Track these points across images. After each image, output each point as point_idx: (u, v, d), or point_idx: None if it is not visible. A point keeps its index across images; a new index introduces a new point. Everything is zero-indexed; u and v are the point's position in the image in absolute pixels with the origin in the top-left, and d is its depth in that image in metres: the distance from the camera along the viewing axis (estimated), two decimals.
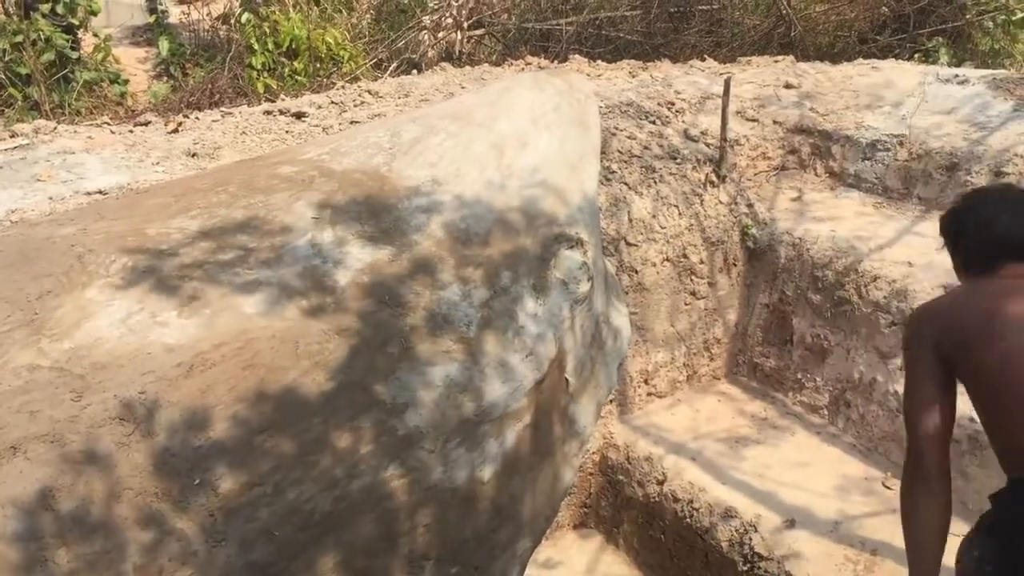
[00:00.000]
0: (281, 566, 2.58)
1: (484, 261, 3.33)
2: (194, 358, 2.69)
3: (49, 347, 2.67)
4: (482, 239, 3.41)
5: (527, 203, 3.61)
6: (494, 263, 3.34)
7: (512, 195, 3.61)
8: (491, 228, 3.46)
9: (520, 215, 3.55)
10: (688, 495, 6.43)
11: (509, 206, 3.57)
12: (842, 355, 6.88)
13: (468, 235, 3.40)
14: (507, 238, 3.44)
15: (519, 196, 3.62)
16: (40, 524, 2.27)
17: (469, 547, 3.06)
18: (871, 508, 6.11)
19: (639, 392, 7.27)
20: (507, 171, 3.71)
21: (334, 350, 2.87)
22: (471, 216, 3.48)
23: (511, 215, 3.54)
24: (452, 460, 2.97)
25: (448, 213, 3.47)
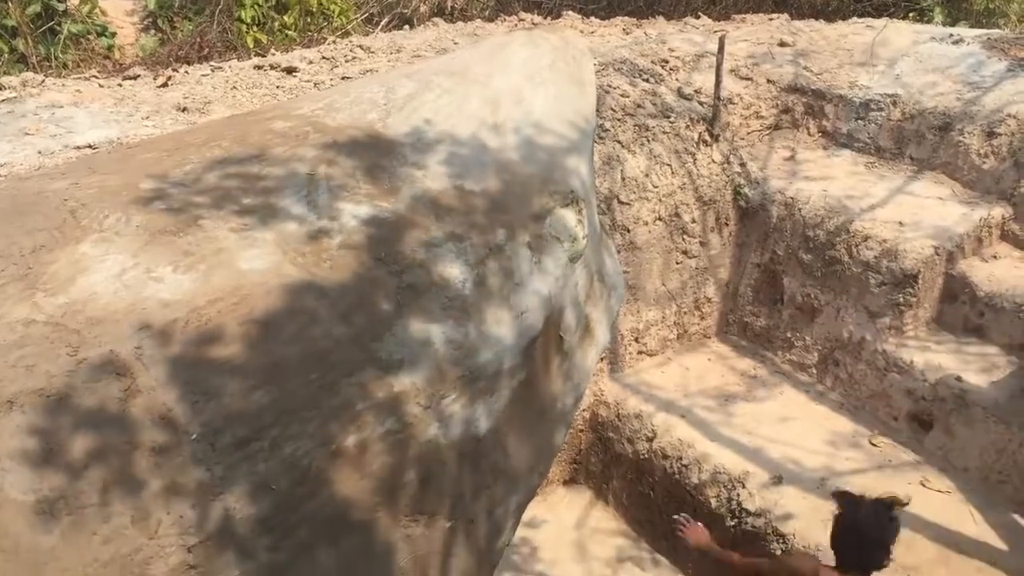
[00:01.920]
0: (278, 519, 2.60)
1: (479, 219, 3.32)
2: (189, 313, 2.69)
3: (44, 302, 2.66)
4: (477, 197, 3.40)
5: (522, 161, 3.59)
6: (489, 221, 3.33)
7: (508, 153, 3.59)
8: (487, 185, 3.45)
9: (515, 173, 3.54)
10: (677, 452, 6.49)
11: (504, 164, 3.55)
12: (832, 314, 6.91)
13: (464, 192, 3.39)
14: (503, 196, 3.43)
15: (514, 153, 3.60)
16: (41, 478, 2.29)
17: (464, 501, 3.08)
18: (857, 464, 6.18)
19: (630, 350, 7.31)
20: (502, 128, 3.69)
21: (329, 307, 2.87)
22: (466, 173, 3.46)
23: (507, 173, 3.52)
24: (447, 416, 2.98)
25: (443, 170, 3.45)
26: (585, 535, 6.85)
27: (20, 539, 2.19)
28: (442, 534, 3.01)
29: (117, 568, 2.30)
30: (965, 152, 7.17)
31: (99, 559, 2.27)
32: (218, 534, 2.47)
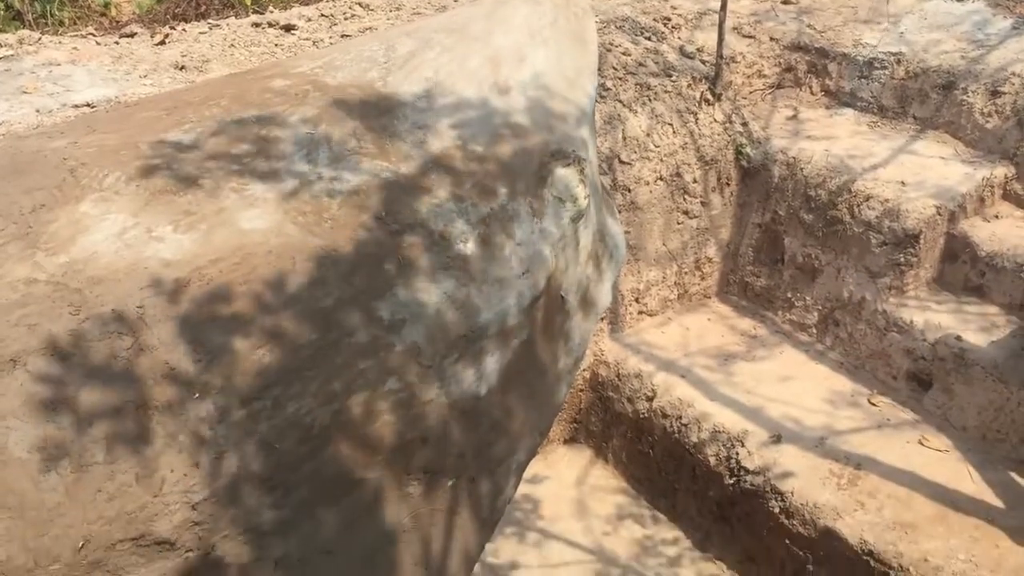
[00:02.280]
0: (281, 477, 2.61)
1: (481, 178, 3.31)
2: (191, 273, 2.69)
3: (45, 261, 2.66)
4: (479, 156, 3.38)
5: (524, 120, 3.57)
6: (491, 180, 3.32)
7: (509, 111, 3.57)
8: (488, 145, 3.43)
9: (517, 132, 3.52)
10: (677, 411, 6.53)
11: (506, 123, 3.53)
12: (832, 274, 6.92)
13: (465, 152, 3.37)
14: (504, 155, 3.41)
15: (516, 112, 3.58)
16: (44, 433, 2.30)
17: (466, 460, 3.10)
18: (856, 424, 6.22)
19: (630, 310, 7.32)
20: (504, 86, 3.66)
21: (331, 266, 2.86)
22: (467, 133, 3.44)
23: (508, 132, 3.50)
24: (449, 376, 2.99)
25: (444, 129, 3.43)
26: (585, 493, 6.91)
27: (25, 496, 2.21)
28: (444, 492, 3.04)
29: (122, 524, 2.32)
30: (969, 111, 7.13)
31: (104, 516, 2.29)
32: (222, 492, 2.49)
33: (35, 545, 2.18)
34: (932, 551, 5.21)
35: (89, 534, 2.26)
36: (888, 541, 5.31)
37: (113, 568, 2.30)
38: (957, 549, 5.21)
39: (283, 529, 2.61)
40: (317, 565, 2.70)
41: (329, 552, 2.72)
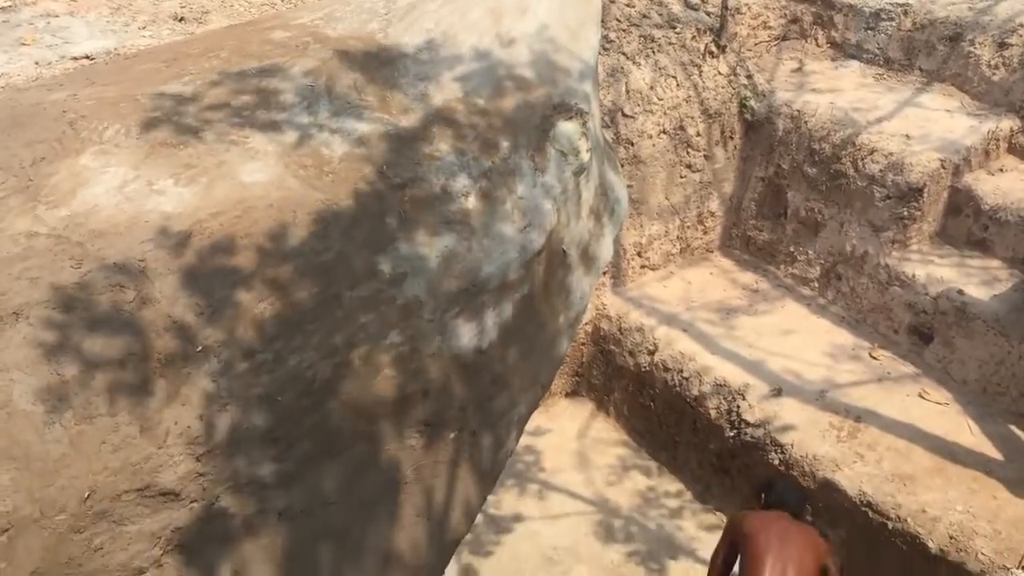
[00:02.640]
0: (284, 430, 2.64)
1: (483, 132, 3.29)
2: (193, 226, 2.68)
3: (46, 214, 2.66)
4: (480, 109, 3.36)
5: (527, 72, 3.53)
6: (493, 134, 3.30)
7: (511, 64, 3.54)
8: (490, 98, 3.40)
9: (519, 85, 3.49)
10: (678, 365, 6.56)
11: (509, 75, 3.50)
12: (835, 228, 6.90)
13: (467, 105, 3.35)
14: (506, 108, 3.39)
15: (519, 65, 3.54)
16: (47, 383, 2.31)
17: (467, 413, 3.12)
18: (857, 377, 6.24)
19: (632, 264, 7.31)
20: (506, 38, 3.62)
21: (332, 220, 2.86)
22: (469, 85, 3.42)
23: (510, 85, 3.47)
24: (451, 329, 3.00)
25: (445, 81, 3.41)
26: (587, 445, 6.97)
27: (30, 448, 2.23)
28: (445, 446, 3.06)
29: (127, 475, 2.34)
30: (975, 63, 7.06)
31: (109, 467, 2.32)
32: (225, 444, 2.51)
33: (41, 495, 2.21)
34: (930, 502, 5.26)
35: (94, 485, 2.29)
36: (887, 493, 5.36)
37: (119, 518, 2.33)
38: (955, 500, 5.26)
39: (286, 481, 2.64)
40: (320, 517, 2.73)
41: (332, 504, 2.75)
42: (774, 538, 4.27)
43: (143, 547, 2.38)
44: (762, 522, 4.36)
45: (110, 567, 2.32)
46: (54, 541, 2.22)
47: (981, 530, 5.07)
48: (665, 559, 5.98)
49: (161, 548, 2.42)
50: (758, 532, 4.30)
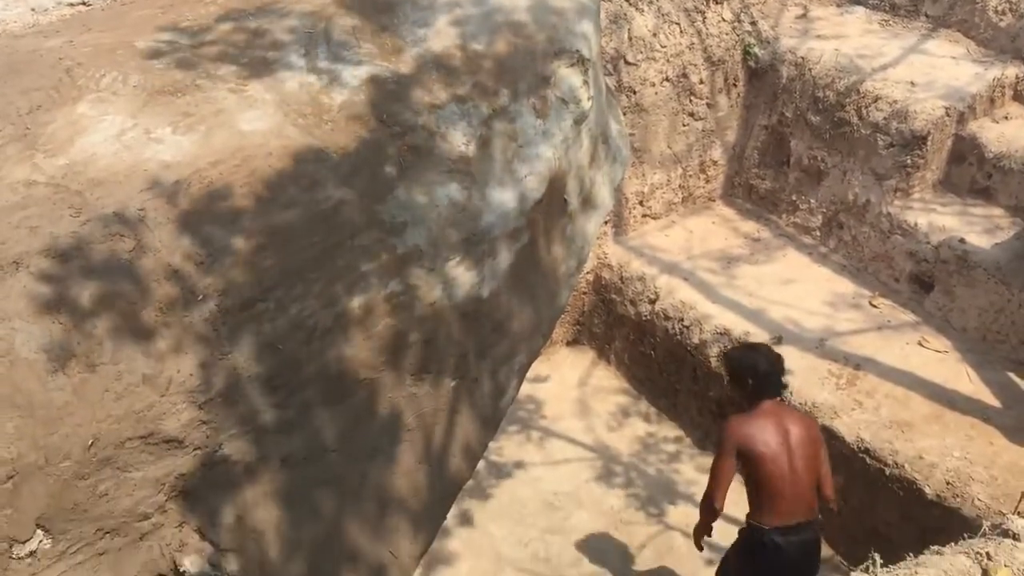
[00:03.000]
0: (285, 378, 2.65)
1: (482, 79, 3.26)
2: (192, 175, 2.68)
3: (44, 163, 2.65)
4: (481, 57, 3.32)
5: (526, 18, 3.49)
6: (493, 81, 3.27)
7: (511, 9, 3.49)
8: (489, 44, 3.36)
9: (520, 32, 3.44)
10: (679, 313, 6.57)
11: (508, 21, 3.45)
12: (838, 177, 6.86)
13: (466, 52, 3.31)
14: (506, 55, 3.35)
15: (518, 10, 3.50)
16: (50, 334, 2.33)
17: (468, 361, 3.14)
18: (857, 325, 6.26)
19: (634, 213, 7.30)
20: None
21: (332, 169, 2.85)
22: (469, 33, 3.38)
23: (510, 32, 3.43)
24: (451, 278, 3.01)
25: (445, 29, 3.37)
26: (587, 393, 7.01)
27: (34, 396, 2.24)
28: (446, 393, 3.08)
29: (131, 423, 2.37)
30: (982, 9, 6.96)
31: (112, 415, 2.34)
32: (227, 392, 2.53)
33: (45, 443, 2.23)
34: (927, 449, 5.30)
35: (98, 432, 2.31)
36: (884, 439, 5.40)
37: (123, 465, 2.36)
38: (952, 447, 5.30)
39: (288, 428, 2.66)
40: (322, 463, 2.76)
41: (334, 451, 2.78)
42: (776, 437, 4.16)
43: (147, 493, 2.41)
44: (759, 423, 4.18)
45: (115, 513, 2.35)
46: (59, 488, 2.25)
47: (978, 476, 5.12)
48: (664, 503, 6.05)
49: (165, 494, 2.45)
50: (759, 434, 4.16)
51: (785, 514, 4.20)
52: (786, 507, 4.20)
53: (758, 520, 4.24)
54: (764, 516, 4.23)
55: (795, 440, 4.21)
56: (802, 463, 4.22)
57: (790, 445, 4.19)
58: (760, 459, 4.15)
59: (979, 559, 2.71)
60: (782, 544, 4.21)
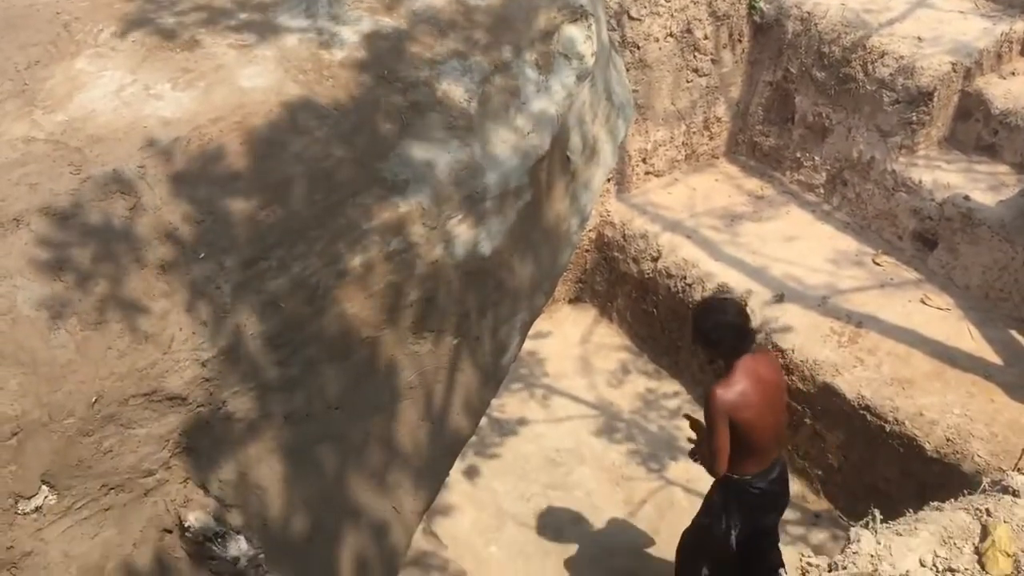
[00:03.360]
0: (288, 336, 2.66)
1: (484, 35, 3.22)
2: (191, 132, 2.66)
3: (43, 119, 2.64)
4: (482, 12, 3.28)
5: None
6: (495, 37, 3.23)
7: None
8: (491, 0, 3.33)
9: None
10: (682, 271, 6.57)
11: None
12: (843, 133, 6.82)
13: (467, 7, 3.27)
14: (508, 11, 3.31)
15: None
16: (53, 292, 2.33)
17: (470, 319, 3.14)
18: (859, 283, 6.26)
19: (637, 171, 7.27)
20: None
21: (333, 126, 2.83)
22: None
23: None
24: (452, 237, 3.00)
25: None
26: (589, 350, 7.04)
27: (37, 354, 2.25)
28: (448, 351, 3.09)
29: (134, 380, 2.37)
30: None
31: (116, 372, 2.35)
32: (230, 349, 2.54)
33: (49, 400, 2.24)
34: (928, 406, 5.33)
35: (102, 390, 2.32)
36: (885, 396, 5.43)
37: (127, 422, 2.37)
38: (953, 404, 5.33)
39: (290, 386, 2.67)
40: (325, 421, 2.77)
41: (336, 408, 2.79)
42: (758, 395, 4.21)
43: (152, 450, 2.42)
44: (743, 388, 4.17)
45: (120, 469, 2.37)
46: (63, 444, 2.26)
47: (978, 433, 5.15)
48: (665, 459, 6.10)
49: (169, 451, 2.47)
50: (745, 400, 4.18)
51: (764, 460, 4.38)
52: (766, 455, 4.37)
53: (740, 473, 4.35)
54: (746, 468, 4.35)
55: (771, 389, 4.30)
56: (777, 407, 4.37)
57: (768, 397, 4.27)
58: (748, 425, 4.20)
59: (978, 515, 2.73)
60: (766, 488, 4.43)
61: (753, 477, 4.38)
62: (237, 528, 2.59)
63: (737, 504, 4.46)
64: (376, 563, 2.97)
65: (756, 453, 4.33)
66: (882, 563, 2.56)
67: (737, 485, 4.40)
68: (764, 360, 4.40)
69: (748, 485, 4.39)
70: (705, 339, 4.30)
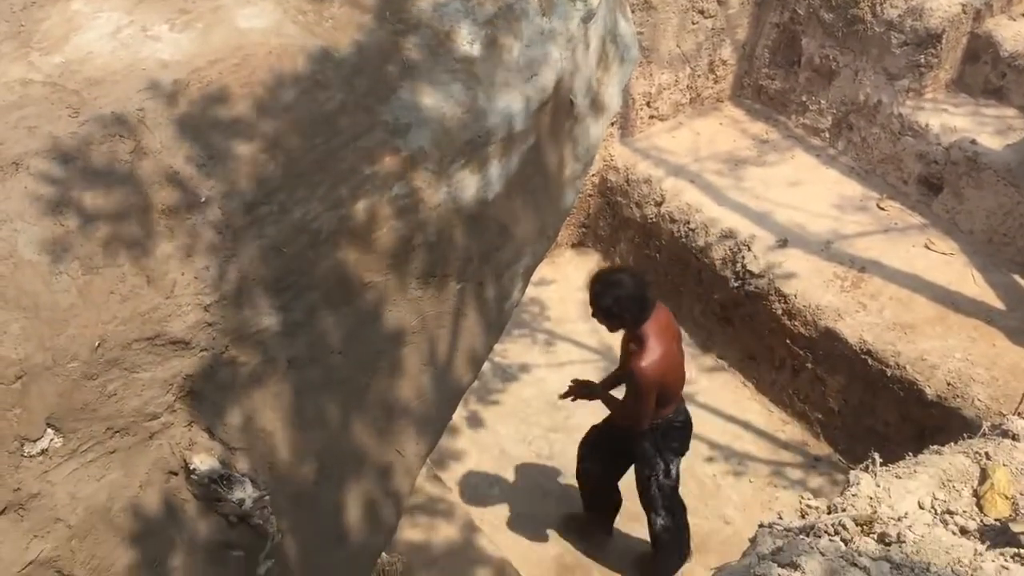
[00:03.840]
0: (290, 280, 2.65)
1: None
2: (190, 74, 2.62)
3: (40, 61, 2.60)
4: None
5: None
6: None
7: None
8: None
9: None
10: (685, 216, 6.55)
11: None
12: (849, 77, 6.75)
13: None
14: None
15: None
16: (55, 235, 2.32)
17: (473, 264, 3.14)
18: (863, 228, 6.25)
19: (641, 114, 7.20)
20: None
21: (333, 68, 2.79)
22: None
23: None
24: (456, 181, 2.98)
25: None
26: None
27: (39, 298, 2.25)
28: (451, 297, 3.09)
29: (137, 325, 2.38)
30: None
31: (118, 316, 2.35)
32: (233, 294, 2.53)
33: (52, 344, 2.24)
34: (929, 350, 5.35)
35: (105, 334, 2.32)
36: (887, 341, 5.45)
37: (130, 366, 2.37)
38: (954, 348, 5.34)
39: (293, 330, 2.68)
40: (327, 365, 2.78)
41: (339, 353, 2.80)
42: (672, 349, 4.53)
43: (155, 393, 2.43)
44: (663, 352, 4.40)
45: (124, 412, 2.38)
46: (68, 387, 2.27)
47: (979, 377, 5.18)
48: None
49: (174, 395, 2.48)
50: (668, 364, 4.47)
51: (678, 397, 4.78)
52: (679, 393, 4.78)
53: (663, 417, 4.69)
54: (667, 410, 4.70)
55: (675, 337, 4.65)
56: (680, 350, 4.74)
57: (677, 345, 4.65)
58: (669, 379, 4.55)
59: (978, 459, 2.76)
60: (685, 418, 4.87)
61: (673, 414, 4.74)
62: (244, 472, 2.61)
63: (667, 442, 4.79)
64: (381, 506, 3.00)
65: (673, 396, 4.68)
66: (881, 505, 2.59)
67: (662, 428, 4.74)
68: (662, 312, 4.57)
69: (671, 422, 4.75)
70: (607, 314, 4.42)
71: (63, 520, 2.29)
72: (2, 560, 2.20)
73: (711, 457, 5.84)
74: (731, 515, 5.54)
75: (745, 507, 5.55)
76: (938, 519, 2.56)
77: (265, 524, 2.64)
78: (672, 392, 4.65)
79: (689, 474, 5.69)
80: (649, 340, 4.37)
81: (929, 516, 2.59)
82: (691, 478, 5.67)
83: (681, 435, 4.87)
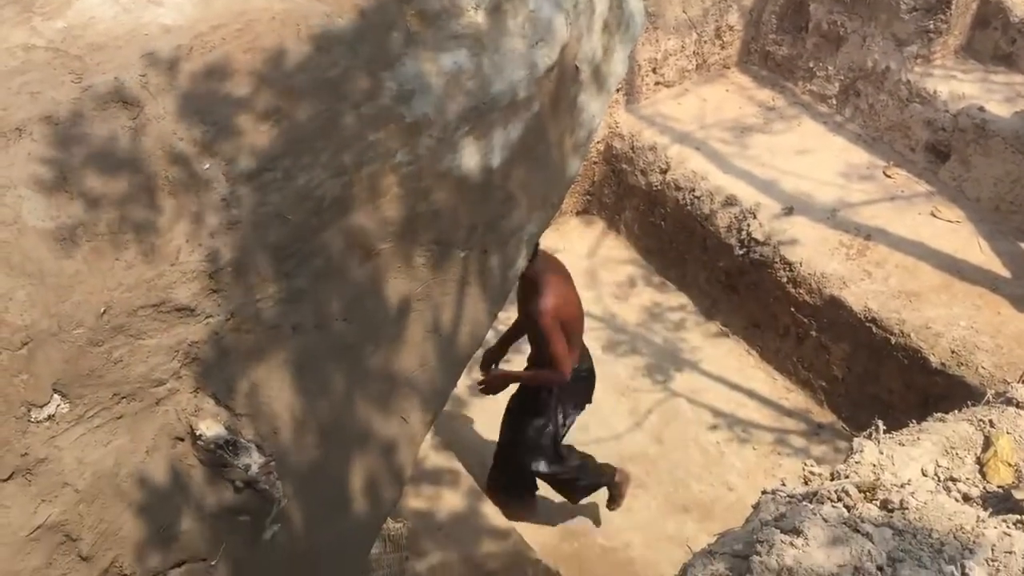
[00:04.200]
0: (294, 248, 2.65)
1: None
2: (193, 40, 2.60)
3: (42, 26, 2.58)
4: None
5: None
6: None
7: None
8: None
9: None
10: (690, 183, 6.52)
11: None
12: (857, 43, 6.69)
13: None
14: None
15: None
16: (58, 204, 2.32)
17: (478, 232, 3.13)
18: (869, 196, 6.22)
19: (647, 81, 7.15)
20: None
21: (337, 35, 2.77)
22: None
23: None
24: (461, 148, 2.96)
25: None
26: (597, 263, 7.04)
27: (44, 264, 2.25)
28: (455, 264, 3.09)
29: (142, 291, 2.38)
30: None
31: (123, 283, 2.35)
32: (237, 261, 2.53)
33: (57, 311, 2.25)
34: (934, 318, 5.34)
35: (110, 301, 2.33)
36: (892, 309, 5.44)
37: (136, 332, 2.38)
38: (959, 316, 5.34)
39: (297, 298, 2.68)
40: (332, 332, 2.78)
41: (344, 320, 2.80)
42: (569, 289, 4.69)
43: (161, 360, 2.44)
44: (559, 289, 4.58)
45: (130, 378, 2.39)
46: (74, 353, 2.28)
47: (983, 345, 5.18)
48: (670, 370, 6.16)
49: (179, 361, 2.49)
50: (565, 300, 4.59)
51: (580, 346, 4.83)
52: (580, 342, 4.82)
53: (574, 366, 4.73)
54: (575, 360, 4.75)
55: (569, 279, 4.75)
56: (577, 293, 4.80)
57: (572, 286, 4.75)
58: (572, 319, 4.64)
59: (981, 426, 2.76)
60: (590, 367, 4.95)
61: (578, 365, 4.78)
62: (248, 437, 2.63)
63: (570, 392, 4.87)
64: (385, 472, 3.02)
65: (576, 344, 4.73)
66: (884, 472, 2.59)
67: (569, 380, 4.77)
68: (552, 259, 4.75)
69: (576, 373, 4.76)
70: None
71: (71, 485, 2.31)
72: (11, 524, 2.22)
73: (715, 425, 5.86)
74: (735, 482, 5.56)
75: (749, 474, 5.58)
76: (941, 486, 2.57)
77: (271, 489, 2.67)
78: (575, 338, 4.71)
79: (693, 442, 5.72)
80: (542, 280, 4.51)
81: (932, 483, 2.59)
82: (695, 445, 5.69)
83: (584, 386, 4.94)
